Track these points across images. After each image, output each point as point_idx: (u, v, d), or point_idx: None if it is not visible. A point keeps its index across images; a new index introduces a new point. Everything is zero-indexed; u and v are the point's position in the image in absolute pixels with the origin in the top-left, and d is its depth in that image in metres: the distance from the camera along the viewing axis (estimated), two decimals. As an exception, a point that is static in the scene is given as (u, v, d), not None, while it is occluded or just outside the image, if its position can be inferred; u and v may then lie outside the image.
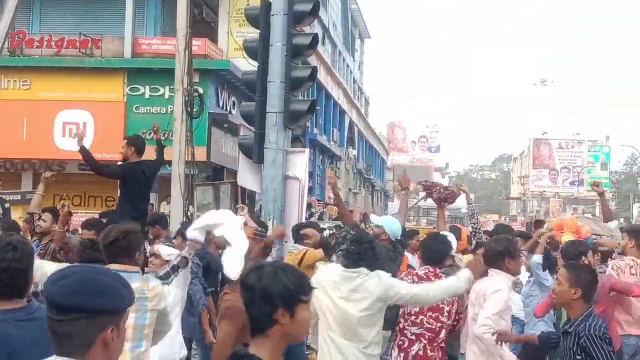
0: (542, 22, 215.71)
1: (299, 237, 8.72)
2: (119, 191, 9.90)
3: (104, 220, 9.14)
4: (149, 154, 9.91)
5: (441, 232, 7.63)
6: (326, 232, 8.34)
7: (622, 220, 52.84)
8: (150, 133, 22.11)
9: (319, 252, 8.15)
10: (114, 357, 2.48)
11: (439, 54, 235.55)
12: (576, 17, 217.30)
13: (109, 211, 10.21)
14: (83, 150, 9.63)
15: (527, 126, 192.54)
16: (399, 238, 7.62)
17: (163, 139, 11.61)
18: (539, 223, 15.63)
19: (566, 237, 10.01)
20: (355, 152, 53.86)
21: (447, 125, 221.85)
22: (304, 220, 10.97)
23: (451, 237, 7.19)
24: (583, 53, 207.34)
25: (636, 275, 7.37)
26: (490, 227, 20.61)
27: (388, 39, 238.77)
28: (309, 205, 17.03)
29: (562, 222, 11.72)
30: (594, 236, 11.96)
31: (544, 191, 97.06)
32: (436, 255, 6.70)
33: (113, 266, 4.84)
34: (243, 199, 16.91)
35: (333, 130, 44.06)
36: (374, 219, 7.97)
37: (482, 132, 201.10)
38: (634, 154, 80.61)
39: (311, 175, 33.24)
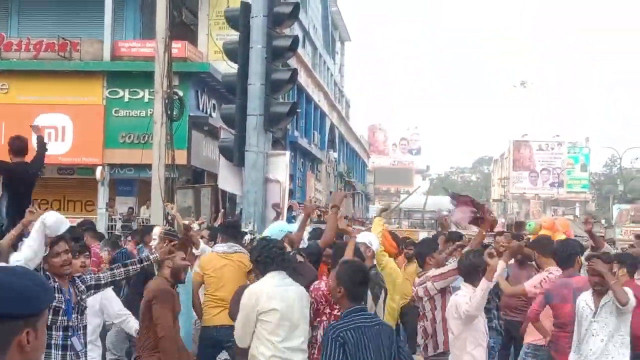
0: (522, 24, 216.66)
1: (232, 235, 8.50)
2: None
3: None
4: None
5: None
6: (247, 237, 8.25)
7: (603, 221, 53.07)
8: (129, 137, 22.18)
9: None
10: (33, 358, 2.39)
11: (421, 56, 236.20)
12: (556, 19, 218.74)
13: None
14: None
15: (508, 128, 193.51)
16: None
17: (143, 142, 11.53)
18: (519, 225, 15.67)
19: (559, 238, 10.09)
20: (336, 154, 53.86)
21: (428, 128, 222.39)
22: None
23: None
24: (563, 56, 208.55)
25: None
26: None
27: (369, 41, 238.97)
28: (290, 208, 16.92)
29: (555, 222, 11.80)
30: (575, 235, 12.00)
31: (524, 193, 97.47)
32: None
33: None
34: (224, 202, 16.86)
35: (314, 133, 44.01)
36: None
37: (463, 134, 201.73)
38: (614, 155, 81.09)
39: (292, 178, 33.16)
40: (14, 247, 6.57)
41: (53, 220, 6.05)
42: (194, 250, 8.24)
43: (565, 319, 7.17)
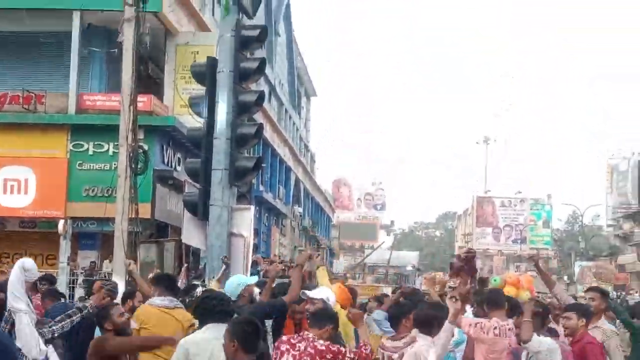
0: (487, 79, 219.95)
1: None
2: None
3: None
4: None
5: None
6: (199, 290, 8.10)
7: (565, 277, 53.51)
8: (92, 190, 22.04)
9: None
10: None
11: (386, 110, 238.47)
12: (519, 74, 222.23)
13: None
14: None
15: (471, 184, 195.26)
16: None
17: (107, 195, 11.49)
18: (483, 281, 15.71)
19: (524, 295, 10.17)
20: (301, 209, 53.92)
21: (391, 183, 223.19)
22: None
23: None
24: (524, 113, 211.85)
25: (499, 336, 7.35)
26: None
27: (333, 96, 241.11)
28: (254, 263, 16.85)
29: (519, 279, 11.89)
30: (537, 294, 12.08)
31: (488, 249, 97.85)
32: None
33: None
34: (187, 256, 16.73)
35: (279, 187, 44.08)
36: (310, 294, 7.84)
37: (427, 190, 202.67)
38: (575, 212, 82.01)
39: (257, 232, 33.08)
40: None
41: (31, 264, 6.03)
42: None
43: None
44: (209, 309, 6.35)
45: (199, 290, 7.96)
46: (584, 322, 7.81)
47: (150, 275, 10.49)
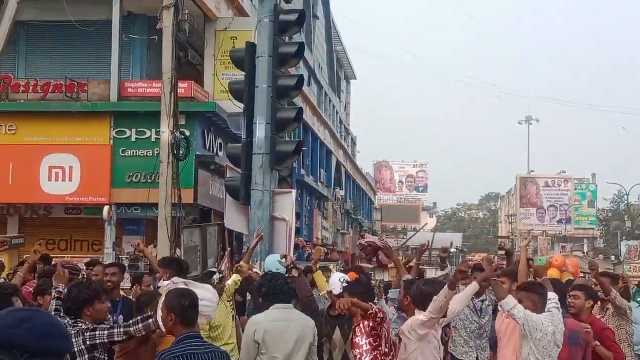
0: (528, 61, 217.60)
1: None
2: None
3: None
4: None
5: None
6: (216, 277, 8.14)
7: (613, 257, 52.83)
8: (136, 176, 22.27)
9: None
10: None
11: (424, 95, 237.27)
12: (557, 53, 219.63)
13: None
14: None
15: (514, 164, 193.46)
16: None
17: (150, 181, 11.60)
18: (530, 261, 15.60)
19: (567, 278, 10.11)
20: (342, 192, 53.89)
21: (434, 165, 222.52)
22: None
23: None
24: (567, 92, 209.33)
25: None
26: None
27: (374, 79, 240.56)
28: (297, 247, 16.92)
29: (565, 261, 11.80)
30: (581, 274, 11.95)
31: (532, 230, 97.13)
32: None
33: None
34: (230, 241, 16.83)
35: (320, 171, 44.08)
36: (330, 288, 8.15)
37: (470, 171, 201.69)
38: (621, 191, 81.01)
39: (298, 216, 33.15)
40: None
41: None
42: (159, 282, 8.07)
43: None
44: (278, 288, 6.60)
45: (217, 277, 8.01)
46: (591, 303, 7.74)
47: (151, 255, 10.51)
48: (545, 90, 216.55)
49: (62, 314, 5.90)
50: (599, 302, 8.71)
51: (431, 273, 18.28)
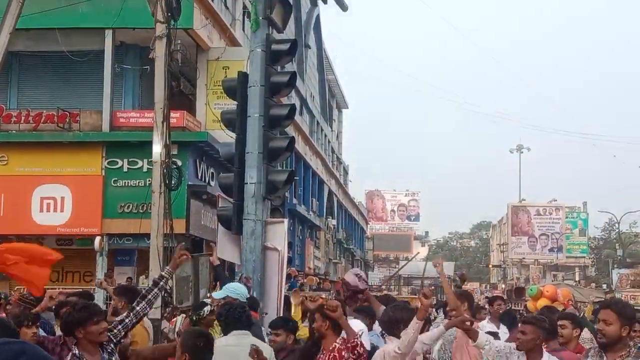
0: (518, 90, 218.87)
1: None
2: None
3: None
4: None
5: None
6: (207, 308, 8.21)
7: (604, 286, 52.79)
8: (128, 206, 22.22)
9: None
10: None
11: (418, 122, 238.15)
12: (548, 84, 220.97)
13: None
14: None
15: (506, 193, 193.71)
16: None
17: (141, 211, 11.60)
18: (519, 290, 15.61)
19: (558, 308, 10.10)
20: (334, 221, 53.89)
21: (426, 194, 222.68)
22: (284, 291, 10.91)
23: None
24: (557, 120, 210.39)
25: None
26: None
27: (366, 107, 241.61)
28: (289, 276, 16.87)
29: (556, 291, 11.79)
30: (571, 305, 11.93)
31: (524, 258, 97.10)
32: None
33: None
34: (223, 270, 16.76)
35: (312, 200, 44.10)
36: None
37: (461, 200, 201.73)
38: (612, 219, 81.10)
39: (291, 245, 33.09)
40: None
41: None
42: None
43: None
44: (236, 317, 6.94)
45: (207, 308, 8.07)
46: (578, 331, 7.70)
47: (111, 288, 10.63)
48: (536, 118, 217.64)
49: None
50: None
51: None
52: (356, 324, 7.50)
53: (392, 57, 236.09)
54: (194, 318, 8.00)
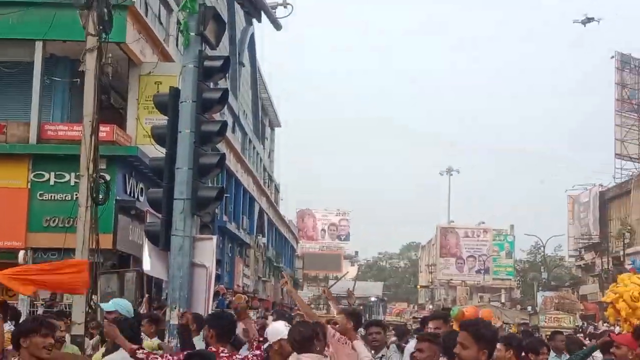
0: (448, 111, 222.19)
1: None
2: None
3: None
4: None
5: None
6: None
7: (529, 308, 53.75)
8: (53, 220, 21.82)
9: None
10: None
11: (348, 144, 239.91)
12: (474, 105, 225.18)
13: None
14: None
15: (435, 215, 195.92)
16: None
17: (67, 225, 11.49)
18: (445, 311, 15.77)
19: None
20: (265, 240, 53.80)
21: (357, 213, 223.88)
22: (210, 309, 10.83)
23: None
24: (486, 142, 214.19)
25: None
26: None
27: (298, 128, 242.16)
28: (217, 294, 16.78)
29: (478, 312, 11.96)
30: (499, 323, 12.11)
31: (451, 279, 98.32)
32: None
33: None
34: (149, 287, 16.62)
35: (243, 217, 43.98)
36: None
37: (391, 220, 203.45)
38: (538, 242, 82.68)
39: (219, 263, 32.91)
40: None
41: None
42: None
43: None
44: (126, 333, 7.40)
45: None
46: (511, 353, 7.73)
47: None
48: (465, 142, 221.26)
49: None
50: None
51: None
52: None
53: (329, 77, 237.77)
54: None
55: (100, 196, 13.68)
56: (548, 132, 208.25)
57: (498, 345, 7.79)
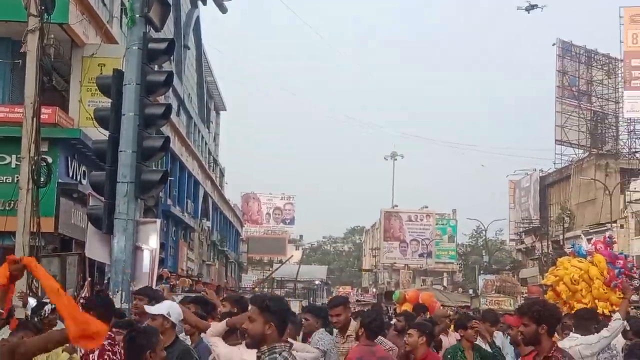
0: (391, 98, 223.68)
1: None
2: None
3: None
4: None
5: None
6: (48, 307, 8.07)
7: (471, 291, 54.54)
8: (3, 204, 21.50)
9: None
10: None
11: (293, 128, 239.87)
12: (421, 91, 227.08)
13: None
14: None
15: (379, 199, 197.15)
16: None
17: (8, 208, 11.27)
18: (389, 294, 15.96)
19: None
20: (209, 223, 53.64)
21: (301, 197, 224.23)
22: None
23: None
24: (430, 129, 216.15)
25: None
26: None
27: (244, 111, 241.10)
28: (160, 277, 16.72)
29: (419, 295, 12.11)
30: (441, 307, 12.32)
31: (395, 263, 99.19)
32: None
33: None
34: (92, 270, 16.49)
35: (187, 201, 43.76)
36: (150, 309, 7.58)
37: (336, 204, 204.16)
38: (479, 226, 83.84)
39: (163, 246, 32.73)
40: None
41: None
42: None
43: None
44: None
45: (48, 307, 7.86)
46: (424, 340, 7.85)
47: None
48: (409, 127, 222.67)
49: None
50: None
51: (294, 305, 18.37)
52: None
53: (275, 67, 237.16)
54: (36, 319, 7.70)
55: (42, 179, 13.51)
56: (491, 119, 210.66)
57: (412, 331, 8.00)
